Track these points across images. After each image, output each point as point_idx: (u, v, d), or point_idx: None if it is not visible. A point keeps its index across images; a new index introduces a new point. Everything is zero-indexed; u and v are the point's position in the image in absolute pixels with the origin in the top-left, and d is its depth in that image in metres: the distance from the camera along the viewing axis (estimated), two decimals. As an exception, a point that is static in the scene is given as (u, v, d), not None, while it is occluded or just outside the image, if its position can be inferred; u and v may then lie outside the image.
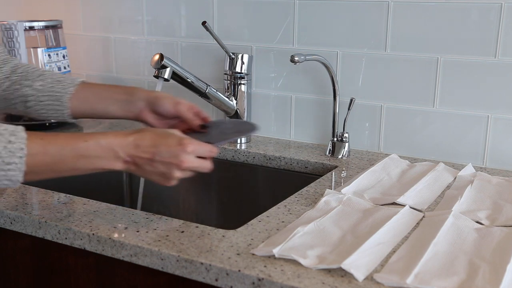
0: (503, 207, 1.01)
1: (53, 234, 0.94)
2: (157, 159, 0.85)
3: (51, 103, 1.04)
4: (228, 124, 1.05)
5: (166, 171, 0.85)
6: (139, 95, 1.04)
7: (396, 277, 0.75)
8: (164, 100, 1.03)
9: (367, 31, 1.36)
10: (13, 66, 1.09)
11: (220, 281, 0.79)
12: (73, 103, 1.04)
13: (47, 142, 0.81)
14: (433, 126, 1.33)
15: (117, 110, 1.05)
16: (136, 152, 0.84)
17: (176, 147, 0.85)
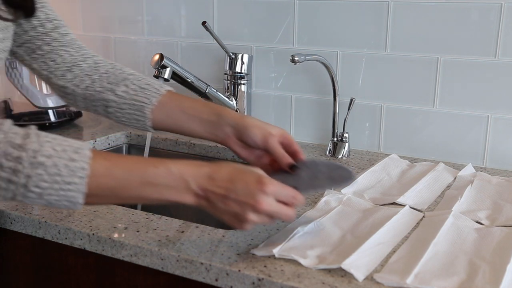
0: (503, 207, 1.01)
1: (53, 234, 0.94)
2: (232, 197, 0.75)
3: (132, 112, 0.97)
4: (321, 167, 0.90)
5: (239, 211, 0.75)
6: (227, 119, 0.93)
7: (396, 277, 0.75)
8: (253, 130, 0.91)
9: (367, 31, 1.36)
10: (94, 64, 1.03)
11: (220, 281, 0.79)
12: (156, 115, 0.96)
13: (113, 164, 0.73)
14: (433, 126, 1.33)
15: (203, 131, 0.96)
16: (209, 186, 0.75)
17: (254, 185, 0.75)
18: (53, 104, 1.55)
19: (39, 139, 0.69)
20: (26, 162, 0.68)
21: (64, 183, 0.70)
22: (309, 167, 0.91)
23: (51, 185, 0.69)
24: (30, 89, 1.52)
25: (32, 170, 0.68)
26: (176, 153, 1.49)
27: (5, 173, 0.68)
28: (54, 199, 0.70)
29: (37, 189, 0.69)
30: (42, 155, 0.69)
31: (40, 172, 0.68)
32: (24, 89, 1.52)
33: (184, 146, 1.48)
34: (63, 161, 0.70)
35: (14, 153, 0.68)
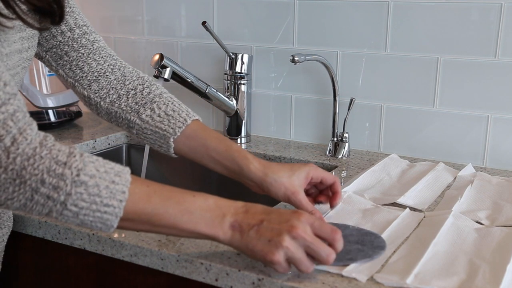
0: (503, 207, 1.01)
1: (53, 234, 0.94)
2: (265, 225, 0.72)
3: (155, 139, 0.97)
4: (352, 231, 0.88)
5: (273, 237, 0.71)
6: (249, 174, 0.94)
7: (396, 277, 0.75)
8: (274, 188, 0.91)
9: (367, 31, 1.36)
10: (122, 77, 0.99)
11: (220, 281, 0.79)
12: (180, 146, 0.96)
13: (153, 190, 0.72)
14: (433, 126, 1.33)
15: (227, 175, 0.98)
16: (244, 218, 0.74)
17: (290, 214, 0.74)
18: (53, 104, 1.55)
19: (82, 158, 0.68)
20: (69, 180, 0.67)
21: (102, 204, 0.69)
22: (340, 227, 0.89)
23: (89, 205, 0.68)
24: (30, 89, 1.52)
25: (73, 189, 0.67)
26: (176, 153, 1.49)
27: (46, 189, 0.67)
28: (89, 220, 0.69)
29: (75, 208, 0.68)
30: (85, 174, 0.68)
31: (81, 191, 0.68)
32: (24, 89, 1.52)
33: (184, 146, 1.48)
34: (105, 183, 0.69)
35: (58, 170, 0.67)
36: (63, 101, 1.58)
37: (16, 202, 0.67)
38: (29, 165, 0.66)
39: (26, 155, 0.66)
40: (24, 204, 0.67)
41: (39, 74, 1.56)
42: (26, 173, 0.66)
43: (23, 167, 0.66)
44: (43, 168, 0.66)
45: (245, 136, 1.47)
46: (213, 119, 1.60)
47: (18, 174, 0.66)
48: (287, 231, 0.71)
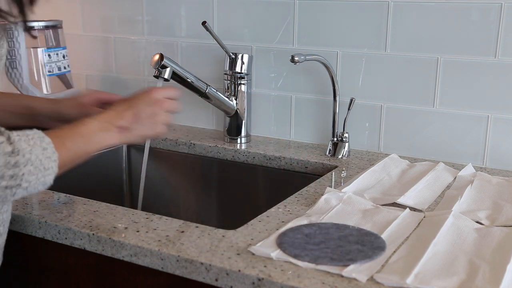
0: (503, 207, 1.01)
1: (53, 234, 0.94)
2: (141, 115, 0.93)
3: None
4: (352, 231, 0.90)
5: (151, 119, 0.94)
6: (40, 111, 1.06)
7: (396, 277, 0.75)
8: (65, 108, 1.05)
9: (367, 31, 1.36)
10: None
11: (220, 281, 0.79)
12: None
13: (63, 138, 0.84)
14: (433, 126, 1.33)
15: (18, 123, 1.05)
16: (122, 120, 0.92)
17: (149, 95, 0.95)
18: (53, 104, 1.55)
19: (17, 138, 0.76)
20: (22, 164, 0.75)
21: (44, 169, 0.78)
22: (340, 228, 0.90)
23: (36, 176, 0.77)
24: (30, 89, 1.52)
25: (24, 169, 0.75)
26: (176, 153, 1.49)
27: (5, 181, 0.74)
28: (34, 187, 0.78)
29: (26, 184, 0.76)
30: (27, 152, 0.76)
31: (29, 168, 0.76)
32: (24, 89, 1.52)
33: (184, 146, 1.48)
34: (40, 151, 0.78)
35: (12, 161, 0.74)
36: (63, 101, 1.58)
37: None
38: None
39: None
40: None
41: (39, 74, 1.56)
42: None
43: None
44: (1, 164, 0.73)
45: (245, 136, 1.47)
46: (213, 119, 1.60)
47: None
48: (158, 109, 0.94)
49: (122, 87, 1.73)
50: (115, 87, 1.74)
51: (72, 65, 1.69)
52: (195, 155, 1.47)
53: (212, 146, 1.44)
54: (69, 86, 1.64)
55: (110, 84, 1.75)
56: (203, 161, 1.47)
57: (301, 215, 0.97)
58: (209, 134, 1.55)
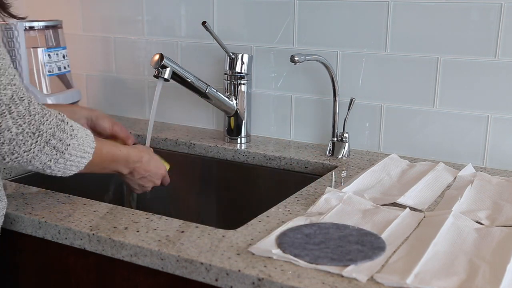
0: (503, 207, 1.01)
1: (53, 234, 0.94)
2: (147, 177, 1.11)
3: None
4: (352, 231, 0.90)
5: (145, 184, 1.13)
6: (81, 113, 1.15)
7: (396, 277, 0.75)
8: (104, 119, 1.16)
9: (367, 31, 1.36)
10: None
11: (220, 281, 0.79)
12: None
13: (103, 143, 0.97)
14: (433, 126, 1.33)
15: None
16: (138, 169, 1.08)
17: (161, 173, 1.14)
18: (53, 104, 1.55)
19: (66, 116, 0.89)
20: (69, 133, 0.88)
21: (84, 152, 0.91)
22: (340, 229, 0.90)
23: (77, 153, 0.89)
24: (30, 89, 1.52)
25: (71, 140, 0.88)
26: (176, 153, 1.49)
27: (55, 140, 0.86)
28: (70, 165, 0.90)
29: (68, 156, 0.88)
30: (75, 129, 0.90)
31: (74, 142, 0.89)
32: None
33: (184, 146, 1.48)
34: (84, 135, 0.91)
35: (62, 125, 0.87)
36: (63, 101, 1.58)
37: (31, 153, 0.83)
38: (44, 121, 0.85)
39: (41, 113, 0.84)
40: (34, 156, 0.84)
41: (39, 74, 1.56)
42: (43, 127, 0.84)
43: (41, 123, 0.84)
44: (54, 124, 0.86)
45: (245, 136, 1.47)
46: (213, 119, 1.60)
47: (37, 128, 0.83)
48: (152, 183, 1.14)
49: (122, 87, 1.73)
50: (115, 87, 1.74)
51: (72, 65, 1.70)
52: (195, 155, 1.47)
53: (212, 146, 1.44)
54: (69, 86, 1.64)
55: (110, 84, 1.75)
56: (203, 161, 1.47)
57: (301, 215, 0.97)
58: (209, 134, 1.55)
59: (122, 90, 1.73)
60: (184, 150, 1.49)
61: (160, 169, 1.14)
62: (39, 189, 1.09)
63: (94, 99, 1.79)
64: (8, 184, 1.12)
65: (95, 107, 1.79)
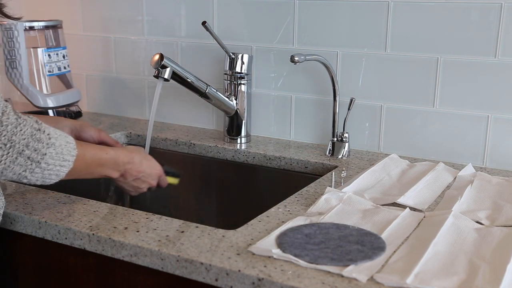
0: (503, 207, 1.01)
1: (53, 234, 0.94)
2: (140, 178, 1.08)
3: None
4: (352, 231, 0.90)
5: (139, 186, 1.09)
6: (65, 122, 1.15)
7: (396, 277, 0.75)
8: (89, 128, 1.16)
9: (367, 31, 1.36)
10: None
11: (220, 281, 0.79)
12: None
13: (85, 148, 0.94)
14: (433, 126, 1.33)
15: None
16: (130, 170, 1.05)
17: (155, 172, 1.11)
18: (53, 104, 1.55)
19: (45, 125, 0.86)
20: (45, 142, 0.85)
21: (63, 160, 0.88)
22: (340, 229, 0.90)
23: (55, 161, 0.87)
24: (30, 89, 1.52)
25: (47, 149, 0.85)
26: (176, 153, 1.49)
27: (29, 151, 0.83)
28: (49, 174, 0.87)
29: (45, 165, 0.86)
30: (53, 137, 0.86)
31: (51, 151, 0.86)
32: (24, 89, 1.52)
33: (184, 146, 1.48)
34: (63, 143, 0.88)
35: (37, 135, 0.84)
36: (63, 101, 1.58)
37: (2, 164, 0.81)
38: (17, 131, 0.82)
39: (14, 123, 0.82)
40: (6, 167, 0.82)
41: (39, 74, 1.56)
42: (16, 138, 0.81)
43: (13, 133, 0.81)
44: (28, 134, 0.83)
45: (245, 136, 1.47)
46: (213, 119, 1.60)
47: (9, 139, 0.81)
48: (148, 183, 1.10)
49: (122, 87, 1.73)
50: (115, 87, 1.74)
51: (72, 65, 1.70)
52: (195, 155, 1.47)
53: (212, 146, 1.44)
54: (69, 86, 1.64)
55: (110, 84, 1.75)
56: (203, 161, 1.47)
57: (301, 215, 0.97)
58: (209, 134, 1.55)
59: (122, 90, 1.73)
60: (184, 150, 1.49)
61: (154, 169, 1.11)
62: (39, 189, 1.09)
63: (94, 99, 1.79)
64: (8, 184, 1.12)
65: (95, 107, 1.79)
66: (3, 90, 1.61)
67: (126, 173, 1.05)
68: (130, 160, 1.05)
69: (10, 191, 1.08)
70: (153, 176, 1.11)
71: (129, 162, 1.04)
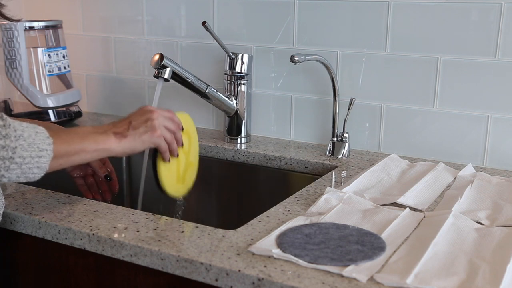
0: (503, 207, 1.01)
1: (53, 234, 0.94)
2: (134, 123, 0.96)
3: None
4: (352, 231, 0.90)
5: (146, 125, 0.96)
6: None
7: (396, 277, 0.75)
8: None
9: (367, 31, 1.36)
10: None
11: (220, 281, 0.79)
12: None
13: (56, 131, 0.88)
14: (433, 126, 1.33)
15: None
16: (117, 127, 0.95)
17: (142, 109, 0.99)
18: (53, 104, 1.55)
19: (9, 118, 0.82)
20: (12, 136, 0.80)
21: (39, 150, 0.83)
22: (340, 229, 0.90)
23: (30, 153, 0.82)
24: (30, 89, 1.52)
25: (16, 142, 0.81)
26: (176, 153, 1.49)
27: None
28: (29, 167, 0.82)
29: (19, 159, 0.81)
30: (19, 130, 0.82)
31: (21, 143, 0.81)
32: (24, 89, 1.52)
33: (184, 146, 1.48)
34: (33, 133, 0.83)
35: (3, 131, 0.80)
36: (63, 101, 1.58)
37: None
38: None
39: None
40: None
41: (39, 74, 1.56)
42: None
43: None
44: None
45: (245, 136, 1.47)
46: (213, 119, 1.60)
47: None
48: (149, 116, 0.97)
49: (122, 87, 1.73)
50: (115, 87, 1.74)
51: (72, 65, 1.70)
52: (195, 155, 1.47)
53: (212, 146, 1.44)
54: (69, 86, 1.64)
55: (110, 84, 1.75)
56: (203, 161, 1.46)
57: (301, 215, 0.97)
58: (209, 134, 1.55)
59: (122, 90, 1.73)
60: (184, 150, 1.48)
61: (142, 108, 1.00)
62: (39, 189, 1.09)
63: (94, 99, 1.79)
64: (8, 184, 1.12)
65: (95, 107, 1.79)
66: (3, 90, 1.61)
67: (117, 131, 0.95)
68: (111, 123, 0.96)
69: (10, 191, 1.08)
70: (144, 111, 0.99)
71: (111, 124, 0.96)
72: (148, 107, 0.99)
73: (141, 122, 0.96)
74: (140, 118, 0.97)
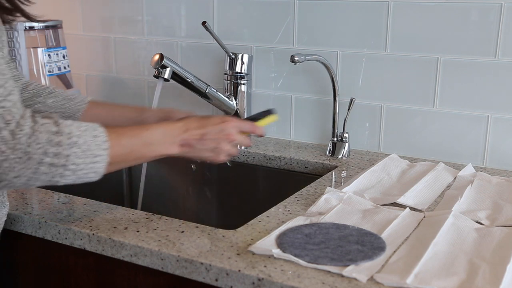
0: (503, 207, 1.01)
1: (53, 234, 0.94)
2: (207, 137, 0.92)
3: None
4: (352, 231, 0.90)
5: (216, 145, 0.93)
6: (150, 112, 1.12)
7: (396, 277, 0.75)
8: (177, 112, 1.11)
9: (367, 31, 1.36)
10: (24, 83, 1.12)
11: (220, 281, 0.79)
12: (85, 120, 1.08)
13: (120, 134, 0.86)
14: (433, 126, 1.33)
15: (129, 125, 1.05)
16: (189, 136, 0.91)
17: (222, 124, 0.94)
18: (53, 104, 1.55)
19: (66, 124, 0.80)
20: (65, 144, 0.79)
21: (93, 156, 0.81)
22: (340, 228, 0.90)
23: (84, 160, 0.80)
24: (30, 89, 1.52)
25: (70, 150, 0.79)
26: (176, 153, 1.49)
27: (49, 158, 0.77)
28: (84, 173, 0.81)
29: (73, 166, 0.80)
30: (74, 136, 0.80)
31: (75, 150, 0.79)
32: (24, 89, 1.52)
33: (184, 146, 1.48)
34: (89, 138, 0.81)
35: (55, 139, 0.78)
36: (63, 101, 1.58)
37: (23, 178, 0.77)
38: (31, 142, 0.76)
39: (29, 133, 0.76)
40: (29, 179, 0.77)
41: (39, 74, 1.56)
42: (31, 149, 0.76)
43: (28, 144, 0.76)
44: (44, 141, 0.77)
45: (245, 136, 1.47)
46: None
47: (24, 151, 0.76)
48: (225, 138, 0.93)
49: (122, 87, 1.73)
50: (115, 87, 1.74)
51: (72, 65, 1.69)
52: (195, 155, 1.47)
53: (212, 146, 1.44)
54: (69, 86, 1.64)
55: (110, 84, 1.75)
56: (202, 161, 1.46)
57: (301, 215, 0.97)
58: (209, 134, 1.55)
59: (122, 90, 1.73)
60: (184, 150, 1.48)
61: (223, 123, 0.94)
62: (39, 189, 1.09)
63: (94, 99, 1.79)
64: (8, 184, 1.12)
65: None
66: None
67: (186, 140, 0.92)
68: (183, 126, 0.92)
69: (10, 191, 1.08)
70: (222, 129, 0.94)
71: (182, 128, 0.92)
72: (231, 123, 0.95)
73: (213, 141, 0.93)
74: (215, 136, 0.93)
